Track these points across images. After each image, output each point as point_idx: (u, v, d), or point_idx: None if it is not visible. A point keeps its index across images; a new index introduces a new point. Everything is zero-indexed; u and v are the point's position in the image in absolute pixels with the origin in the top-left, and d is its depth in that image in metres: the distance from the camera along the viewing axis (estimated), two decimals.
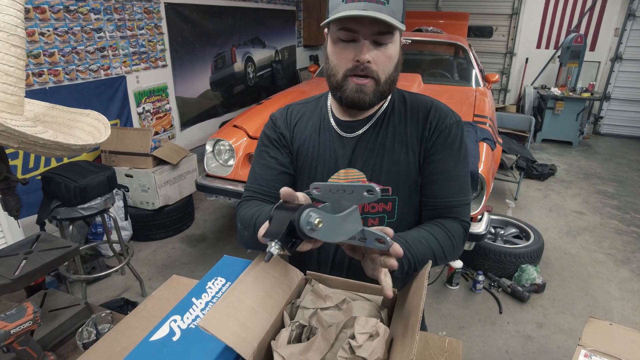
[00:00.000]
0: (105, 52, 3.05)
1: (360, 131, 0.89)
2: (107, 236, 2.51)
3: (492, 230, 3.00)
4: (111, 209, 2.31)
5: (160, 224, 3.06)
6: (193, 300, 0.76)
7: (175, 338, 0.68)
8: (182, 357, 0.64)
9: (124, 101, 3.26)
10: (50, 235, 1.15)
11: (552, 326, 2.30)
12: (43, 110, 1.03)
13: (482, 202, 2.13)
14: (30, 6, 2.45)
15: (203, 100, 4.39)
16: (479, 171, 2.13)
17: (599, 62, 6.19)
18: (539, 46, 6.52)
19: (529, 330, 2.27)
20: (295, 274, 0.77)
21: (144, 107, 3.52)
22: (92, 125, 1.03)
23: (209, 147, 2.60)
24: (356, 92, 0.80)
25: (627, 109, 6.27)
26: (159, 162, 2.94)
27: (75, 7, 2.75)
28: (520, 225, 3.00)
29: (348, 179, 0.89)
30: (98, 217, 2.29)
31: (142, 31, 3.38)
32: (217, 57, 4.49)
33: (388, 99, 0.91)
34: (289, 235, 0.58)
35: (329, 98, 0.96)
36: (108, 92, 3.11)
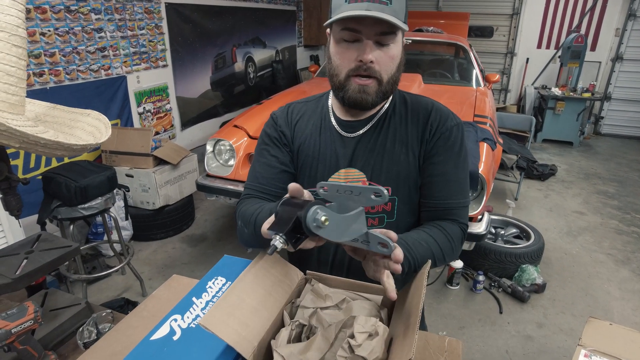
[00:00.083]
0: (106, 52, 3.06)
1: (361, 131, 0.89)
2: (108, 236, 2.51)
3: (493, 231, 3.00)
4: (112, 209, 2.32)
5: (161, 224, 3.07)
6: (193, 299, 0.76)
7: (175, 337, 0.68)
8: (182, 356, 0.65)
9: (125, 101, 3.27)
10: (51, 235, 1.15)
11: (552, 326, 2.30)
12: (44, 110, 1.03)
13: (483, 202, 2.13)
14: (31, 6, 2.46)
15: (203, 100, 4.40)
16: (479, 171, 2.12)
17: (600, 62, 6.18)
18: (539, 46, 6.52)
19: (529, 330, 2.27)
20: (296, 274, 0.77)
21: (144, 107, 3.52)
22: (93, 125, 1.03)
23: (209, 147, 2.61)
24: (359, 92, 0.80)
25: (628, 109, 6.27)
26: (160, 162, 2.94)
27: (76, 7, 2.76)
28: (521, 226, 3.00)
29: (348, 178, 0.89)
30: (98, 217, 2.30)
31: (143, 31, 3.39)
32: (217, 57, 4.49)
33: (389, 99, 0.91)
34: (294, 231, 0.57)
35: (330, 97, 0.96)
36: (109, 92, 3.12)
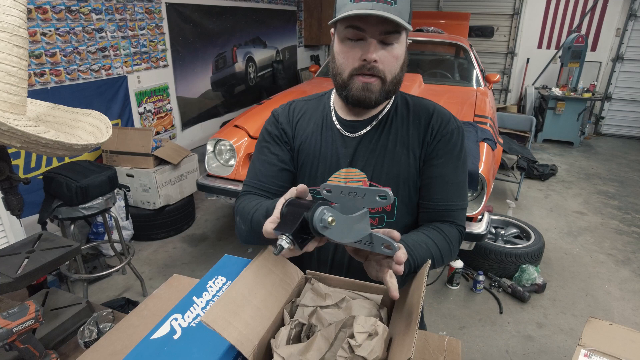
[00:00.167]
0: (107, 52, 3.06)
1: (362, 131, 0.89)
2: (108, 236, 2.52)
3: (493, 230, 3.00)
4: (112, 209, 2.32)
5: (161, 224, 3.07)
6: (194, 299, 0.76)
7: (176, 336, 0.68)
8: (183, 355, 0.65)
9: (125, 101, 3.27)
10: (52, 235, 1.15)
11: (552, 326, 2.30)
12: (45, 110, 1.03)
13: (483, 202, 2.13)
14: (32, 6, 2.46)
15: (204, 100, 4.40)
16: (480, 171, 2.13)
17: (600, 63, 6.18)
18: (540, 46, 6.52)
19: (530, 330, 2.27)
20: (296, 273, 0.78)
21: (145, 107, 3.53)
22: (94, 125, 1.03)
23: (209, 147, 2.61)
24: (362, 90, 0.81)
25: (629, 109, 6.26)
26: (160, 162, 2.95)
27: (77, 8, 2.76)
28: (521, 226, 3.00)
29: (349, 178, 0.89)
30: (99, 216, 2.30)
31: (144, 31, 3.39)
32: (218, 57, 4.49)
33: (391, 101, 0.92)
34: (300, 231, 0.58)
35: (332, 97, 0.96)
36: (109, 92, 3.12)
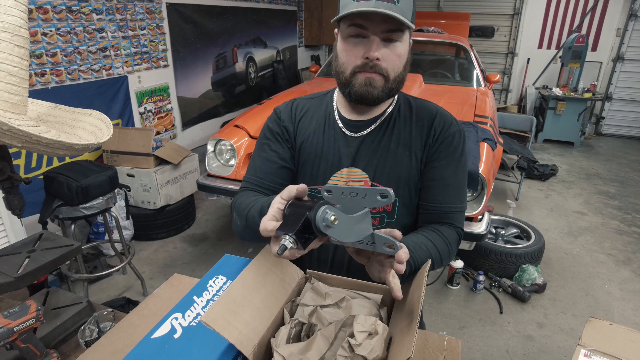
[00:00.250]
0: (107, 52, 3.06)
1: (365, 131, 0.89)
2: (109, 235, 2.52)
3: (493, 230, 3.00)
4: (113, 209, 2.32)
5: (162, 224, 3.07)
6: (194, 298, 0.76)
7: (176, 335, 0.69)
8: (183, 354, 0.65)
9: (126, 101, 3.27)
10: (52, 234, 1.15)
11: (552, 326, 2.30)
12: (46, 110, 1.04)
13: (483, 202, 2.13)
14: (33, 6, 2.46)
15: (204, 100, 4.40)
16: (480, 171, 2.13)
17: (601, 63, 6.17)
18: (540, 46, 6.51)
19: (530, 330, 2.27)
20: (296, 272, 0.78)
21: (145, 107, 3.53)
22: (95, 124, 1.03)
23: (210, 147, 2.61)
24: (365, 85, 0.81)
25: (629, 109, 6.26)
26: (161, 161, 2.95)
27: (78, 8, 2.77)
28: (521, 226, 3.00)
29: (350, 178, 0.90)
30: (100, 216, 2.30)
31: (144, 31, 3.39)
32: (218, 57, 4.49)
33: (394, 102, 0.92)
34: (303, 231, 0.58)
35: (335, 96, 0.96)
36: (110, 92, 3.12)
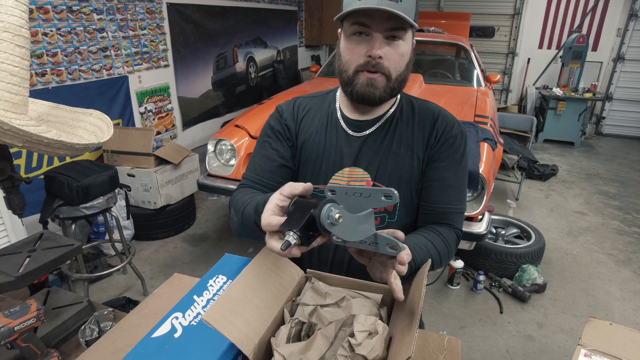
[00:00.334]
0: (108, 52, 3.07)
1: (367, 131, 0.90)
2: (109, 235, 2.52)
3: (493, 230, 3.00)
4: (113, 208, 2.32)
5: (162, 224, 3.07)
6: (194, 297, 0.77)
7: (176, 335, 0.69)
8: (183, 354, 0.65)
9: (126, 101, 3.28)
10: (53, 234, 1.15)
11: (552, 326, 2.30)
12: (46, 110, 1.04)
13: (483, 202, 2.13)
14: (33, 6, 2.47)
15: (205, 100, 4.40)
16: (480, 171, 2.13)
17: (601, 63, 6.17)
18: (540, 46, 6.51)
19: (530, 330, 2.27)
20: (296, 272, 0.78)
21: (146, 107, 3.53)
22: (95, 124, 1.03)
23: (210, 147, 2.61)
24: (367, 85, 0.81)
25: (630, 109, 6.25)
26: (161, 161, 2.95)
27: (78, 8, 2.77)
28: (522, 226, 2.99)
29: (352, 177, 0.90)
30: (100, 216, 2.30)
31: (145, 31, 3.40)
32: (218, 57, 4.50)
33: (396, 102, 0.92)
34: (307, 228, 0.59)
35: (338, 95, 0.96)
36: (110, 92, 3.12)
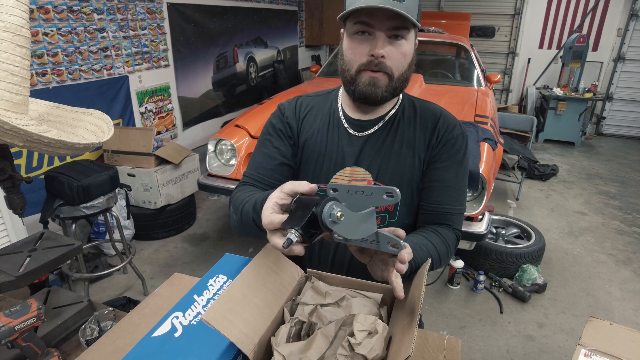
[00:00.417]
0: (108, 52, 3.07)
1: (369, 131, 0.90)
2: (110, 235, 2.52)
3: (494, 230, 3.00)
4: (113, 208, 2.33)
5: (162, 223, 3.07)
6: (195, 297, 0.77)
7: (177, 334, 0.69)
8: (183, 353, 0.65)
9: (127, 101, 3.28)
10: (53, 233, 1.15)
11: (553, 326, 2.30)
12: (47, 110, 1.04)
13: (483, 202, 2.13)
14: (34, 6, 2.47)
15: (205, 100, 4.40)
16: (480, 171, 2.13)
17: (602, 63, 6.17)
18: (541, 46, 6.51)
19: (530, 330, 2.27)
20: (296, 271, 0.78)
21: (146, 107, 3.53)
22: (95, 124, 1.04)
23: (210, 147, 2.62)
24: (369, 85, 0.81)
25: (630, 109, 6.25)
26: (161, 161, 2.95)
27: (79, 8, 2.77)
28: (522, 226, 2.99)
29: (354, 177, 0.90)
30: (100, 216, 2.30)
31: (145, 31, 3.40)
32: (219, 57, 4.50)
33: (398, 102, 0.92)
34: (309, 226, 0.59)
35: (340, 94, 0.96)
36: (111, 92, 3.13)
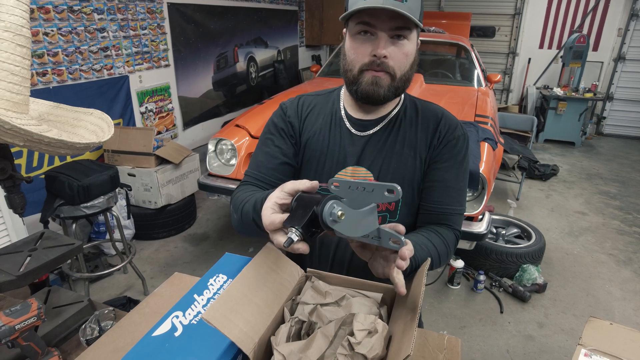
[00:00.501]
0: (109, 52, 3.07)
1: (371, 131, 0.90)
2: (110, 235, 2.52)
3: (494, 230, 3.00)
4: (114, 208, 2.33)
5: (163, 223, 3.08)
6: (195, 296, 0.77)
7: (177, 334, 0.69)
8: (183, 352, 0.65)
9: (127, 100, 3.28)
10: (54, 233, 1.15)
11: (553, 326, 2.30)
12: (47, 109, 1.04)
13: (483, 202, 2.13)
14: (34, 6, 2.47)
15: (205, 100, 4.41)
16: (480, 171, 2.13)
17: (602, 63, 6.17)
18: (541, 46, 6.51)
19: (530, 330, 2.27)
20: (297, 271, 0.78)
21: (146, 107, 3.54)
22: (96, 124, 1.04)
23: (211, 147, 2.62)
24: (371, 84, 0.81)
25: (630, 109, 6.25)
26: (162, 161, 2.95)
27: (79, 7, 2.77)
28: (522, 225, 2.99)
29: (355, 176, 0.90)
30: (101, 215, 2.31)
31: (145, 31, 3.40)
32: (219, 57, 4.50)
33: (400, 103, 0.92)
34: (309, 225, 0.58)
35: (342, 94, 0.96)
36: (111, 92, 3.13)
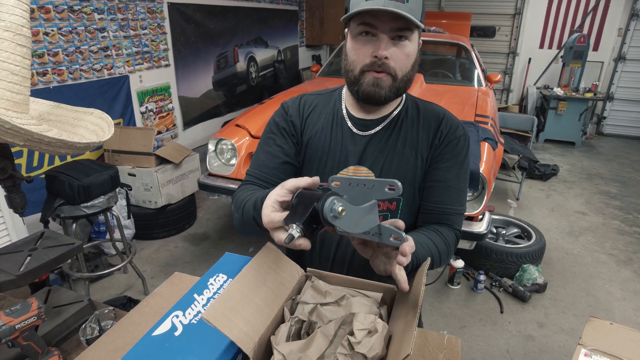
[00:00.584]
0: (109, 52, 3.07)
1: (373, 130, 0.90)
2: (110, 234, 2.52)
3: (494, 230, 3.00)
4: (114, 208, 2.33)
5: (163, 223, 3.08)
6: (195, 296, 0.77)
7: (177, 333, 0.69)
8: (183, 352, 0.65)
9: (127, 100, 3.28)
10: (54, 233, 1.16)
11: (553, 326, 2.30)
12: (48, 109, 1.04)
13: (483, 202, 2.13)
14: (34, 6, 2.47)
15: (206, 99, 4.41)
16: (480, 171, 2.13)
17: (602, 62, 6.17)
18: (541, 46, 6.51)
19: (530, 330, 2.27)
20: (297, 270, 0.78)
21: (146, 107, 3.54)
22: (96, 123, 1.04)
23: (211, 147, 2.62)
24: (373, 85, 0.81)
25: (631, 109, 6.25)
26: (162, 161, 2.95)
27: (79, 7, 2.77)
28: (522, 225, 2.99)
29: (357, 176, 0.90)
30: (101, 215, 2.31)
31: (145, 31, 3.40)
32: (219, 57, 4.50)
33: (402, 103, 0.92)
34: (310, 221, 0.59)
35: (343, 94, 0.96)
36: (111, 92, 3.13)
